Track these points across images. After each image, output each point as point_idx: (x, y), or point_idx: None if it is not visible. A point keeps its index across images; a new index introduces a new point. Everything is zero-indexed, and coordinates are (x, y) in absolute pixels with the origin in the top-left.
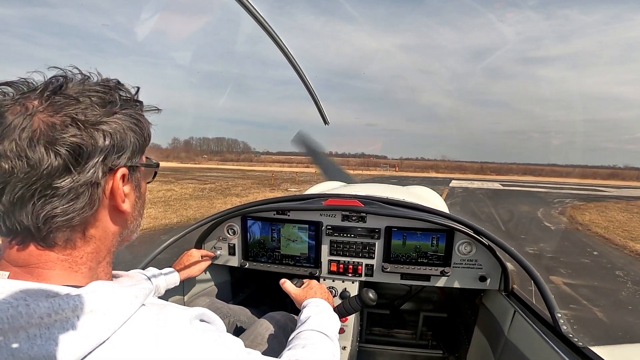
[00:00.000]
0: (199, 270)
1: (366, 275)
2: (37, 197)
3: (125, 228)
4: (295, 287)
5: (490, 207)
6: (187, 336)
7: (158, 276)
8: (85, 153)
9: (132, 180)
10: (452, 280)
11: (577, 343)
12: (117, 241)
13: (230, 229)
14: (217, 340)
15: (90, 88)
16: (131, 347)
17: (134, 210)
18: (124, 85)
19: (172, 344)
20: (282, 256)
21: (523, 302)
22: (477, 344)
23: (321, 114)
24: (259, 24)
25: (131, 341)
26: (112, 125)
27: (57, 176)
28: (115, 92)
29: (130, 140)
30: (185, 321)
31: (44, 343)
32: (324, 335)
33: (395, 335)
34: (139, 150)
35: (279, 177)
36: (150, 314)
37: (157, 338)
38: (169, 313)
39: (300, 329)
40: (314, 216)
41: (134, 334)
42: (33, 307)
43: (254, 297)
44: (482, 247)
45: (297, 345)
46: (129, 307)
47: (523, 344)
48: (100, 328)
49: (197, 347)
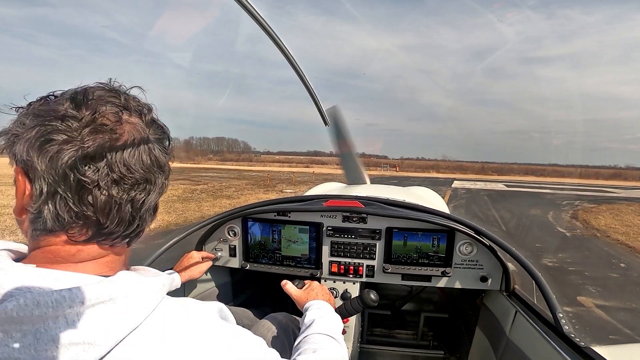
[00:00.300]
0: (200, 272)
1: (367, 276)
2: (142, 189)
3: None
4: (296, 288)
5: (495, 210)
6: (211, 326)
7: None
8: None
9: None
10: (453, 281)
11: (579, 343)
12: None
13: (231, 230)
14: (239, 334)
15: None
16: (161, 333)
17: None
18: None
19: (198, 333)
20: (282, 257)
21: (524, 302)
22: (478, 345)
23: (321, 115)
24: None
25: (161, 327)
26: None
27: (157, 170)
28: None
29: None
30: (209, 312)
31: (84, 327)
32: (331, 338)
33: (396, 336)
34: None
35: (275, 177)
36: (176, 303)
37: (185, 325)
38: (193, 304)
39: (307, 333)
40: (314, 217)
41: (164, 321)
42: (75, 292)
43: (255, 298)
44: (483, 247)
45: (307, 350)
46: (157, 294)
47: (525, 344)
48: (134, 314)
49: (221, 337)
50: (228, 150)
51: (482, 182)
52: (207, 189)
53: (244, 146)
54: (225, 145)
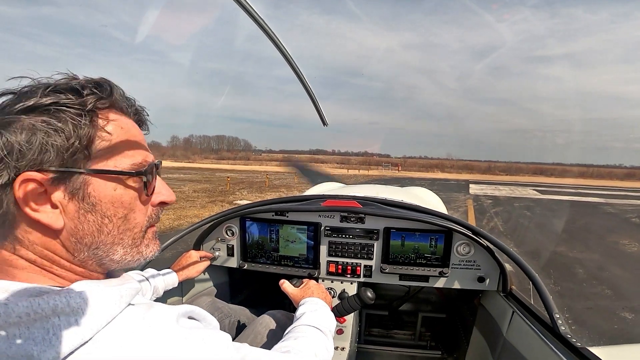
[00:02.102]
0: (198, 271)
1: (365, 276)
2: None
3: (76, 243)
4: (293, 287)
5: (580, 248)
6: (172, 335)
7: (156, 277)
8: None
9: (67, 188)
10: (451, 281)
11: (575, 344)
12: (84, 257)
13: (229, 230)
14: (203, 338)
15: (22, 91)
16: (115, 347)
17: (81, 225)
18: (74, 81)
19: (157, 343)
20: (280, 257)
21: (521, 302)
22: (475, 345)
23: (320, 115)
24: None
25: (115, 341)
26: (12, 127)
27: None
28: (41, 90)
29: (38, 142)
30: (171, 319)
31: (22, 342)
32: (317, 330)
33: (394, 336)
34: (66, 153)
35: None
36: (136, 313)
37: (142, 337)
38: (155, 312)
39: (295, 324)
40: (312, 217)
41: (118, 334)
42: (11, 307)
43: (253, 298)
44: (480, 248)
45: (290, 337)
46: (114, 306)
47: (521, 344)
48: (82, 328)
49: (183, 345)
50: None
51: (504, 186)
52: None
53: (245, 144)
54: (226, 143)
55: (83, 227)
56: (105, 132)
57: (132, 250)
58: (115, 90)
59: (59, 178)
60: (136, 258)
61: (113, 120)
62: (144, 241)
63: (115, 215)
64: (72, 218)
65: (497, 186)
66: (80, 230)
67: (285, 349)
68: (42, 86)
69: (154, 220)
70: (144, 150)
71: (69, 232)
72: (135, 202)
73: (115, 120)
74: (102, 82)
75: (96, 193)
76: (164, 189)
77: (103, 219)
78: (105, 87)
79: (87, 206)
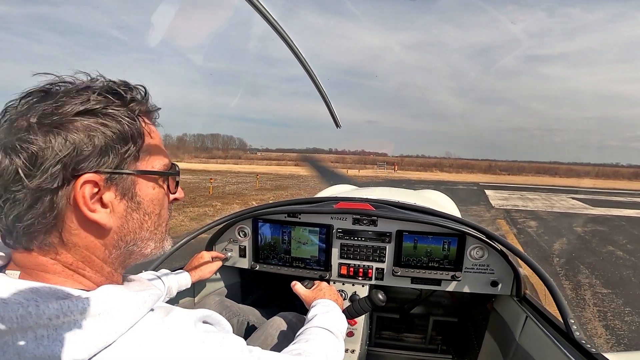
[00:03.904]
0: (210, 271)
1: (376, 279)
2: (3, 201)
3: (118, 241)
4: (305, 288)
5: None
6: (190, 338)
7: (170, 278)
8: (38, 157)
9: (118, 188)
10: (463, 285)
11: (590, 349)
12: (118, 254)
13: (241, 231)
14: (220, 342)
15: (59, 91)
16: (136, 350)
17: (127, 223)
18: (114, 84)
19: (175, 347)
20: (292, 259)
21: (535, 307)
22: (487, 349)
23: (333, 117)
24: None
25: (136, 344)
26: (70, 128)
27: (11, 181)
28: (89, 92)
29: (97, 144)
30: (189, 324)
31: (50, 344)
32: (328, 332)
33: (404, 340)
34: (122, 155)
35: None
36: (156, 318)
37: (162, 341)
38: (174, 316)
39: (306, 326)
40: (324, 219)
41: (140, 338)
42: (42, 308)
43: (264, 299)
44: (494, 252)
45: (301, 339)
46: (137, 311)
47: (535, 349)
48: (107, 331)
49: (201, 348)
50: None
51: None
52: None
53: (240, 143)
54: (221, 142)
55: (128, 225)
56: (149, 135)
57: (159, 244)
58: (148, 95)
59: (112, 179)
60: (159, 252)
61: (149, 124)
62: (166, 235)
63: (154, 212)
64: (120, 217)
65: (520, 192)
66: (125, 227)
67: (296, 351)
68: (83, 87)
69: (169, 215)
70: (166, 152)
71: (115, 231)
72: (165, 199)
73: (149, 124)
74: (137, 87)
75: (141, 192)
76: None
77: (144, 216)
78: (141, 92)
79: (134, 205)
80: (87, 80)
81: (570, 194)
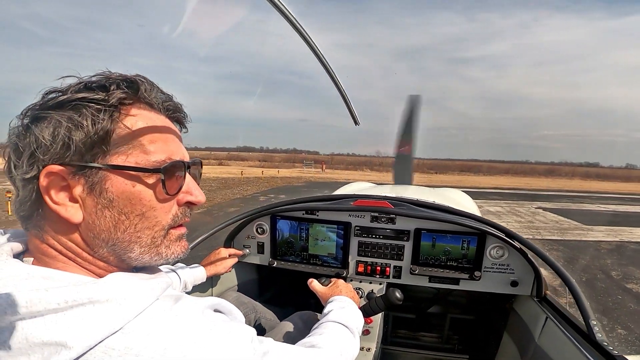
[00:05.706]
0: (227, 267)
1: (394, 277)
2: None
3: (94, 238)
4: (322, 285)
5: None
6: (198, 326)
7: (186, 272)
8: (18, 150)
9: (87, 182)
10: (482, 285)
11: (612, 351)
12: (103, 252)
13: (260, 227)
14: (229, 330)
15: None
16: (142, 336)
17: (98, 220)
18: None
19: (182, 334)
20: (310, 256)
21: (556, 308)
22: (505, 350)
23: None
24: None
25: (143, 330)
26: (42, 122)
27: (9, 171)
28: (70, 88)
29: (61, 136)
30: (197, 311)
31: (58, 329)
32: (343, 327)
33: (420, 339)
34: (86, 148)
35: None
36: (165, 305)
37: (169, 328)
38: (183, 304)
39: (322, 321)
40: (343, 216)
41: (147, 324)
42: (52, 293)
43: (280, 296)
44: (514, 251)
45: (316, 333)
46: (145, 299)
47: (554, 351)
48: (114, 317)
49: (208, 336)
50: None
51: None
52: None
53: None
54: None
55: (100, 223)
56: (125, 127)
57: (151, 250)
58: (142, 85)
59: (79, 172)
60: (155, 259)
61: (135, 115)
62: (164, 242)
63: (133, 212)
64: (90, 213)
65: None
66: (97, 225)
67: (309, 344)
68: (76, 83)
69: (179, 219)
70: (172, 148)
71: (87, 227)
72: (155, 200)
73: (138, 115)
74: (133, 78)
75: (114, 189)
76: (194, 189)
77: (120, 215)
78: (133, 83)
79: (104, 201)
80: (84, 77)
81: (501, 197)
